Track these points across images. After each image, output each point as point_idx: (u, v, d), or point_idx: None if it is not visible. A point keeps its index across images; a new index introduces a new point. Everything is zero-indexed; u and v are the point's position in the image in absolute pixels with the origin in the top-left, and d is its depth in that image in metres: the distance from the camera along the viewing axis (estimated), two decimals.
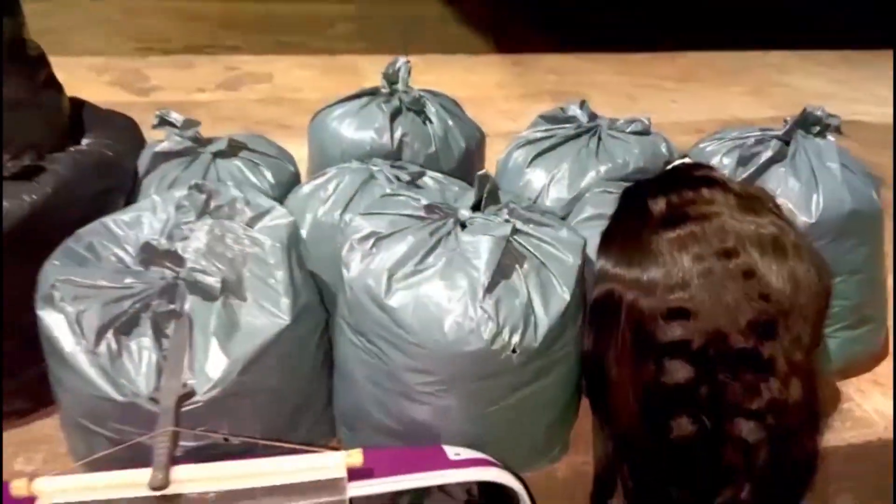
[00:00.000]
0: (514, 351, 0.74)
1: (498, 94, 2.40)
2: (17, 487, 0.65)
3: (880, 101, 2.51)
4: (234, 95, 2.28)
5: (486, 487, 0.82)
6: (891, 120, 2.32)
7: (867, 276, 1.04)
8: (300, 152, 1.26)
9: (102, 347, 0.74)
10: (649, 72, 2.77)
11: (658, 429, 0.85)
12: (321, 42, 2.99)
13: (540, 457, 0.88)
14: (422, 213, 0.82)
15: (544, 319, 0.76)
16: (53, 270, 0.79)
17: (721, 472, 0.86)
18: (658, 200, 0.90)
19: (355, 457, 0.69)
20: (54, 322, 0.75)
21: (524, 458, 0.83)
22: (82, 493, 0.66)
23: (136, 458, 0.70)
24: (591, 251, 0.89)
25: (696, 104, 2.43)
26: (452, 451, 0.77)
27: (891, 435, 1.01)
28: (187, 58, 2.64)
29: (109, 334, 0.74)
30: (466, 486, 0.83)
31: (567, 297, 0.78)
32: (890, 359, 1.13)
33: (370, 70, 2.54)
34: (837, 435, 1.00)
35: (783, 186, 1.00)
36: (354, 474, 0.70)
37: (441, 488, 0.83)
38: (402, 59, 1.23)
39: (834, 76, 2.84)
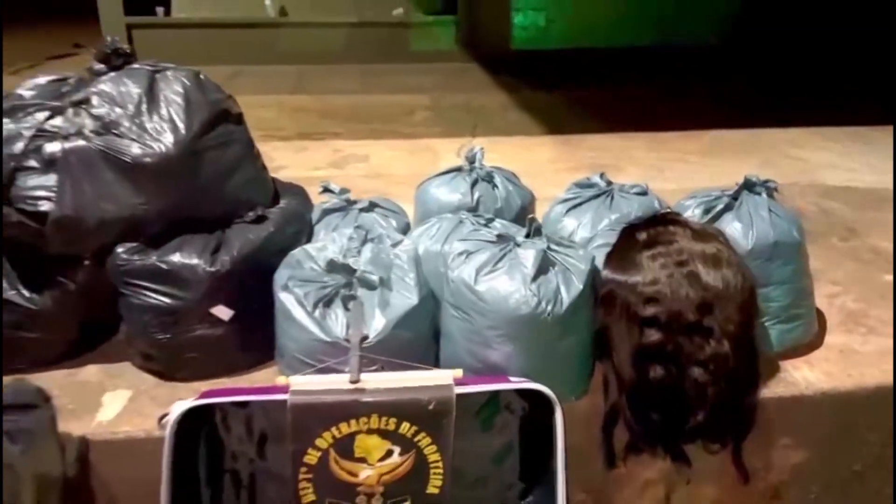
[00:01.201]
0: (548, 315, 1.28)
1: (548, 168, 2.96)
2: (281, 379, 1.21)
3: (873, 170, 2.96)
4: (342, 172, 2.92)
5: (534, 409, 1.33)
6: (878, 186, 2.79)
7: (793, 286, 1.53)
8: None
9: (316, 313, 1.31)
10: (676, 148, 3.30)
11: (642, 374, 1.35)
12: (405, 128, 3.66)
13: (570, 392, 1.39)
14: (494, 240, 1.38)
15: (566, 298, 1.30)
16: (284, 273, 1.38)
17: (684, 403, 1.36)
18: (642, 233, 1.44)
19: (458, 372, 1.23)
20: (289, 300, 1.33)
21: (559, 391, 1.33)
22: (313, 385, 1.21)
23: None
24: (600, 265, 1.42)
25: (714, 174, 2.93)
26: (513, 378, 1.30)
27: (810, 392, 1.48)
28: (301, 143, 3.33)
29: (320, 306, 1.32)
30: (522, 405, 1.35)
31: (581, 286, 1.32)
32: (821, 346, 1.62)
33: (445, 150, 3.17)
34: (772, 390, 1.48)
35: (730, 226, 1.52)
36: (457, 382, 1.23)
37: (507, 407, 1.36)
38: (477, 147, 1.82)
39: (839, 150, 3.29)
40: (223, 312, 1.42)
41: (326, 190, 1.70)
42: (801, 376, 1.52)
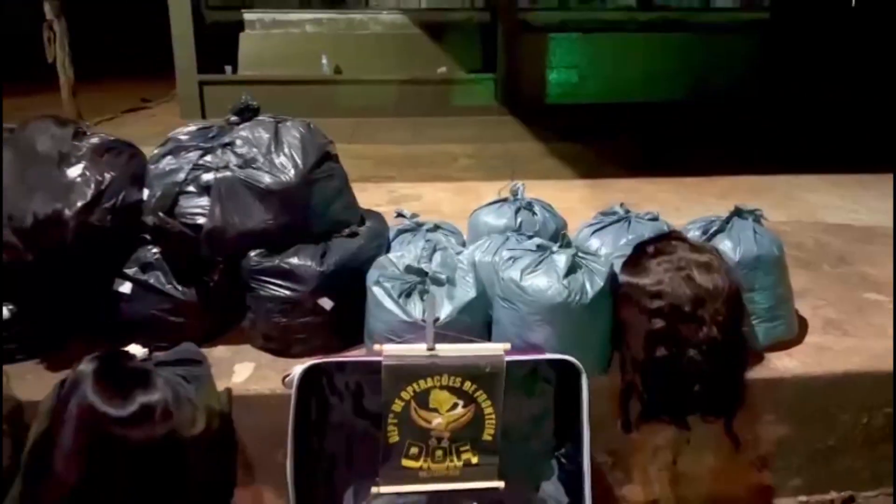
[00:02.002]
0: (576, 304, 1.69)
1: (580, 206, 3.35)
2: (376, 347, 1.62)
3: (872, 211, 3.29)
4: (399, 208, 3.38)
5: (565, 379, 1.72)
6: (874, 224, 3.14)
7: (774, 292, 1.92)
8: None
9: (400, 301, 1.73)
10: (696, 190, 3.68)
11: (650, 354, 1.74)
12: (451, 172, 4.13)
13: (594, 369, 1.78)
14: (535, 248, 1.80)
15: (590, 290, 1.71)
16: (374, 273, 1.81)
17: (684, 378, 1.74)
18: (650, 246, 1.84)
19: (507, 345, 1.63)
20: (379, 292, 1.76)
21: (585, 366, 1.72)
22: (400, 351, 1.62)
23: None
24: (618, 272, 1.83)
25: (726, 213, 3.31)
26: (549, 353, 1.70)
27: (788, 376, 1.85)
28: (361, 185, 3.74)
29: (402, 296, 1.74)
30: (555, 377, 1.74)
31: (602, 283, 1.73)
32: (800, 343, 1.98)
33: (486, 191, 3.60)
34: (757, 374, 1.85)
35: (722, 244, 1.92)
36: (506, 353, 1.63)
37: (544, 378, 1.75)
38: (519, 183, 2.26)
39: (845, 194, 3.62)
40: (327, 303, 1.85)
41: (400, 215, 2.15)
42: (782, 364, 1.89)
